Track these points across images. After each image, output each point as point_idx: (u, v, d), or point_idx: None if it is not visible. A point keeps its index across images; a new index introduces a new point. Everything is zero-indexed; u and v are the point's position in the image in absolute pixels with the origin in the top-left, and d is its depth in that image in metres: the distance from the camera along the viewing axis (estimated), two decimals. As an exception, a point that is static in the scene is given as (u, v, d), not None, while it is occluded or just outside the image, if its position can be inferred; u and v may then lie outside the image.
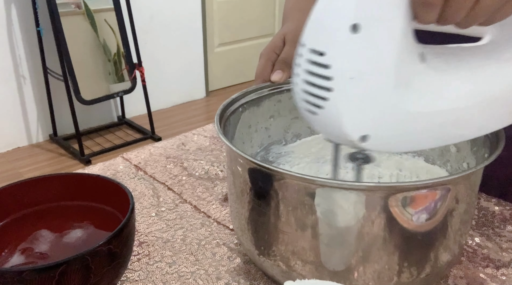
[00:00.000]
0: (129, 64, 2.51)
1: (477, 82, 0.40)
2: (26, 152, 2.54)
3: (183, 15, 2.95)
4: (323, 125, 0.37)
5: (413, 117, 0.37)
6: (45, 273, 0.40)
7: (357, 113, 0.35)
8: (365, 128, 0.36)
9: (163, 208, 0.63)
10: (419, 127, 0.38)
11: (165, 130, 2.76)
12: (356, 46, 0.33)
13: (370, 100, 0.35)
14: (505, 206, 0.62)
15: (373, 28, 0.33)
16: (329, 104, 0.35)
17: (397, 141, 0.38)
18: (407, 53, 0.35)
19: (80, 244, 0.52)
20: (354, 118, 0.35)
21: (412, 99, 0.36)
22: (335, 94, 0.34)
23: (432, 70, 0.37)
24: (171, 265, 0.53)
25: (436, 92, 0.38)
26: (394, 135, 0.37)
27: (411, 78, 0.36)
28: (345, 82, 0.34)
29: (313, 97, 0.35)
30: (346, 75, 0.34)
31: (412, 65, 0.36)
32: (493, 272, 0.52)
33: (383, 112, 0.36)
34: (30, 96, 2.54)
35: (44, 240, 0.52)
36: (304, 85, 0.36)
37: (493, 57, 0.41)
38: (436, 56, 0.38)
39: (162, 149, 0.78)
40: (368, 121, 0.35)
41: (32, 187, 0.52)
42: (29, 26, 2.40)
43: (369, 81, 0.34)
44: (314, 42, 0.34)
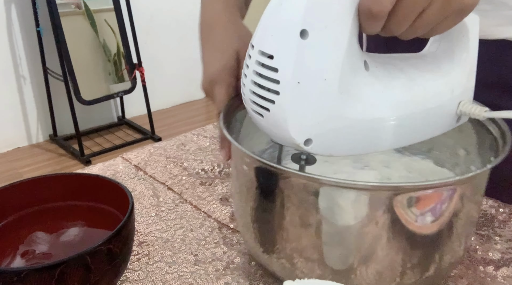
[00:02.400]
0: (129, 64, 2.51)
1: (414, 92, 0.41)
2: (26, 152, 2.54)
3: (183, 15, 2.95)
4: (269, 127, 0.37)
5: (354, 123, 0.38)
6: (44, 273, 0.40)
7: (302, 118, 0.36)
8: (309, 132, 0.36)
9: (163, 208, 0.63)
10: (358, 133, 0.39)
11: (165, 130, 2.76)
12: (303, 51, 0.34)
13: (314, 105, 0.35)
14: (505, 206, 0.62)
15: (321, 35, 0.34)
16: (276, 107, 0.35)
17: (338, 146, 0.38)
18: (352, 60, 0.36)
19: (80, 244, 0.52)
20: (299, 122, 0.36)
21: (354, 106, 0.37)
22: (282, 98, 0.35)
23: (374, 79, 0.38)
24: (171, 265, 0.53)
25: (377, 101, 0.39)
26: (336, 140, 0.38)
27: (354, 86, 0.37)
28: (291, 86, 0.34)
29: (261, 99, 0.36)
30: (293, 80, 0.34)
31: (357, 72, 0.37)
32: (493, 272, 0.52)
33: (326, 118, 0.36)
34: (30, 96, 2.54)
35: (44, 241, 0.52)
36: (252, 87, 0.36)
37: (431, 70, 0.43)
38: (378, 65, 0.39)
39: (162, 149, 0.78)
40: (312, 126, 0.36)
41: (32, 187, 0.52)
42: (29, 26, 2.40)
43: (315, 86, 0.35)
44: (264, 44, 0.35)
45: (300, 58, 0.34)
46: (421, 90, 0.41)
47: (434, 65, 0.43)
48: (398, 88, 0.40)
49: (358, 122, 0.38)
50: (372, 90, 0.38)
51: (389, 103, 0.39)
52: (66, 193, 0.53)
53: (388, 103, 0.39)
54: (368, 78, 0.38)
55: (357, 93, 0.37)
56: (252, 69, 0.36)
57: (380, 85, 0.39)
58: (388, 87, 0.39)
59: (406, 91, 0.40)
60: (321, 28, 0.34)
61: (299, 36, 0.33)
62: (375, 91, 0.38)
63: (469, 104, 0.44)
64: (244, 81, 0.37)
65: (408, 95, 0.41)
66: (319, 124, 0.36)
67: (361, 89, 0.37)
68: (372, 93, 0.38)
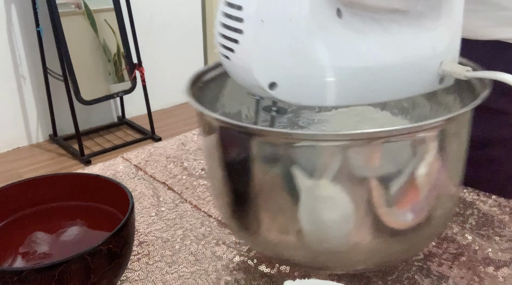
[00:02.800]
0: (129, 64, 2.51)
1: (390, 45, 0.39)
2: (26, 152, 2.54)
3: (183, 15, 2.95)
4: (235, 70, 0.36)
5: (323, 69, 0.36)
6: (45, 273, 0.39)
7: (266, 59, 0.34)
8: (274, 75, 0.35)
9: (163, 208, 0.63)
10: (327, 81, 0.37)
11: (165, 130, 2.76)
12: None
13: (279, 46, 0.34)
14: (505, 206, 0.62)
15: None
16: (240, 47, 0.34)
17: (305, 93, 0.37)
18: (323, 3, 0.35)
19: (80, 244, 0.52)
20: (263, 63, 0.35)
21: (323, 51, 0.36)
22: (245, 37, 0.34)
23: (346, 27, 0.37)
24: (171, 265, 0.53)
25: (349, 49, 0.37)
26: (303, 86, 0.36)
27: (324, 31, 0.36)
28: (255, 25, 0.33)
29: (226, 39, 0.35)
30: (257, 18, 0.33)
31: (326, 17, 0.36)
32: (493, 272, 0.52)
33: (292, 61, 0.35)
34: (30, 96, 2.54)
35: (44, 241, 0.52)
36: (219, 28, 0.35)
37: (413, 25, 0.41)
38: (353, 15, 0.38)
39: (162, 149, 0.78)
40: (276, 68, 0.35)
41: (32, 187, 0.52)
42: (29, 26, 2.40)
43: (280, 26, 0.34)
44: None
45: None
46: (398, 42, 0.40)
47: (417, 21, 0.42)
48: (371, 38, 0.38)
49: (325, 69, 0.36)
50: (342, 37, 0.37)
51: (361, 52, 0.38)
52: (66, 193, 0.53)
53: (359, 52, 0.38)
54: (340, 25, 0.37)
55: (326, 39, 0.36)
56: (220, 9, 0.35)
57: (352, 33, 0.37)
58: (361, 36, 0.38)
59: (380, 43, 0.39)
60: None
61: None
62: (345, 39, 0.37)
63: (452, 63, 0.43)
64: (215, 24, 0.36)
65: (382, 47, 0.39)
66: (284, 67, 0.35)
67: (330, 35, 0.36)
68: (342, 40, 0.37)
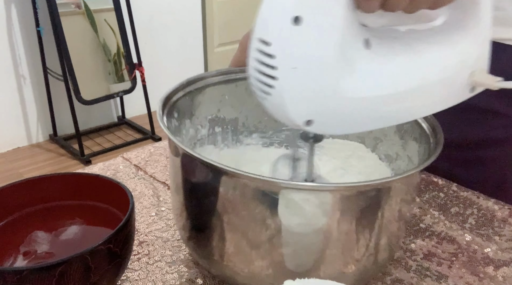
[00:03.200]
0: (129, 64, 2.51)
1: (420, 65, 0.41)
2: (26, 152, 2.54)
3: (183, 15, 2.95)
4: (272, 110, 0.39)
5: (356, 102, 0.39)
6: (45, 273, 0.40)
7: (301, 100, 0.37)
8: (309, 114, 0.38)
9: (163, 207, 0.63)
10: (361, 111, 0.39)
11: (165, 130, 2.76)
12: (298, 37, 0.35)
13: (313, 88, 0.37)
14: (504, 206, 0.62)
15: (314, 19, 0.34)
16: (275, 91, 0.37)
17: (340, 125, 0.40)
18: (350, 40, 0.37)
19: (80, 244, 0.52)
20: (298, 105, 0.37)
21: (354, 85, 0.38)
22: (280, 83, 0.36)
23: (375, 56, 0.39)
24: (171, 265, 0.53)
25: (378, 78, 0.39)
26: (337, 119, 0.39)
27: (354, 65, 0.38)
28: (288, 72, 0.35)
29: (262, 84, 0.37)
30: (289, 65, 0.35)
31: (355, 52, 0.37)
32: (493, 271, 0.52)
33: (326, 99, 0.37)
34: (30, 96, 2.54)
35: (44, 241, 0.52)
36: (254, 73, 0.38)
37: (439, 41, 0.42)
38: (381, 42, 0.39)
39: (162, 149, 0.78)
40: (311, 107, 0.37)
41: (32, 187, 0.52)
42: (29, 26, 2.40)
43: (312, 70, 0.36)
44: (261, 32, 0.36)
45: (295, 44, 0.35)
46: (427, 62, 0.41)
47: (443, 36, 0.43)
48: (401, 63, 0.40)
49: (358, 100, 0.39)
50: (372, 67, 0.39)
51: (391, 79, 0.40)
52: (66, 193, 0.53)
53: (390, 79, 0.40)
54: (369, 56, 0.38)
55: (356, 72, 0.38)
56: (253, 56, 0.37)
57: (381, 61, 0.39)
58: (390, 64, 0.40)
59: (410, 66, 0.41)
60: (315, 13, 0.34)
61: (292, 23, 0.34)
62: (375, 69, 0.39)
63: (482, 74, 0.44)
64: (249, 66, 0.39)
65: (412, 69, 0.41)
66: (318, 106, 0.37)
67: (360, 68, 0.38)
68: (372, 70, 0.39)
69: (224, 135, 0.59)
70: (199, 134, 0.57)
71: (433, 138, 0.48)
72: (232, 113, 0.59)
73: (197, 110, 0.56)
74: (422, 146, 0.50)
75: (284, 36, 0.35)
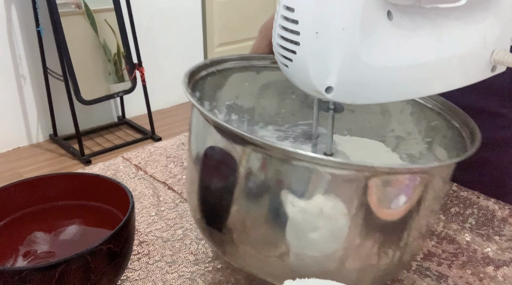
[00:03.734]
0: (129, 64, 2.51)
1: (441, 39, 0.41)
2: (26, 152, 2.54)
3: (183, 15, 2.95)
4: (294, 76, 0.39)
5: (376, 71, 0.39)
6: (45, 272, 0.40)
7: (322, 66, 0.37)
8: (329, 80, 0.38)
9: (163, 207, 0.63)
10: (382, 80, 0.40)
11: (165, 130, 2.76)
12: (321, 3, 0.36)
13: (334, 54, 0.37)
14: (504, 206, 0.62)
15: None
16: (297, 57, 0.37)
17: (360, 93, 0.40)
18: (372, 10, 0.37)
19: (80, 244, 0.52)
20: (319, 71, 0.38)
21: (376, 54, 0.38)
22: (302, 48, 0.37)
23: (397, 28, 0.39)
24: (171, 265, 0.53)
25: (399, 48, 0.40)
26: (356, 87, 0.39)
27: (375, 34, 0.38)
28: (310, 37, 0.36)
29: (285, 50, 0.38)
30: (312, 30, 0.36)
31: (377, 22, 0.38)
32: (493, 271, 0.52)
33: (347, 66, 0.38)
34: (30, 96, 2.54)
35: (44, 241, 0.52)
36: (278, 40, 0.39)
37: (462, 17, 0.43)
38: (403, 14, 0.40)
39: (162, 149, 0.78)
40: (332, 74, 0.38)
41: (32, 187, 0.52)
42: (29, 26, 2.40)
43: (334, 36, 0.37)
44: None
45: (318, 9, 0.36)
46: (449, 37, 0.42)
47: (466, 13, 0.43)
48: (422, 35, 0.41)
49: (379, 69, 0.39)
50: (394, 38, 0.39)
51: (412, 51, 0.40)
52: (66, 193, 0.53)
53: (410, 51, 0.40)
54: (391, 27, 0.39)
55: (378, 42, 0.38)
56: (278, 23, 0.38)
57: (403, 33, 0.39)
58: (411, 35, 0.40)
59: (431, 39, 0.41)
60: None
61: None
62: (397, 40, 0.39)
63: (503, 52, 0.44)
64: (274, 35, 0.39)
65: (433, 43, 0.41)
66: (339, 72, 0.38)
67: (382, 38, 0.38)
68: (394, 41, 0.39)
69: (240, 123, 0.59)
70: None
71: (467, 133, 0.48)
72: (250, 102, 0.58)
73: (217, 94, 0.55)
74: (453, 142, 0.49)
75: (307, 1, 0.36)
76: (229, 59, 0.55)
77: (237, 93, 0.57)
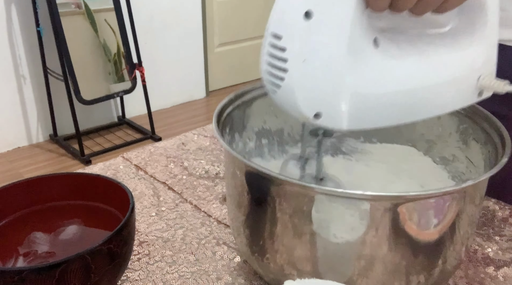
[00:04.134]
0: (129, 64, 2.51)
1: (427, 66, 0.42)
2: (26, 152, 2.54)
3: (183, 15, 2.95)
4: (282, 103, 0.40)
5: (361, 97, 0.39)
6: (45, 273, 0.39)
7: (310, 93, 0.38)
8: (317, 107, 0.38)
9: (163, 207, 0.63)
10: (369, 107, 0.40)
11: (165, 130, 2.76)
12: (308, 31, 0.36)
13: (321, 81, 0.38)
14: (504, 206, 0.62)
15: (324, 15, 0.36)
16: (285, 83, 0.38)
17: (346, 119, 0.40)
18: (359, 37, 0.38)
19: (80, 244, 0.52)
20: (306, 97, 0.38)
21: (363, 81, 0.39)
22: (290, 75, 0.37)
23: (383, 55, 0.40)
24: (171, 265, 0.53)
25: (385, 75, 0.40)
26: (343, 113, 0.39)
27: (362, 61, 0.38)
28: (298, 64, 0.37)
29: (273, 77, 0.38)
30: (299, 58, 0.37)
31: (364, 49, 0.38)
32: (493, 272, 0.52)
33: (333, 93, 0.38)
34: (30, 96, 2.54)
35: (44, 241, 0.52)
36: (266, 66, 0.39)
37: (448, 44, 0.43)
38: (390, 42, 0.40)
39: (163, 149, 0.78)
40: (320, 100, 0.38)
41: (32, 187, 0.52)
42: (29, 26, 2.40)
43: (321, 63, 0.37)
44: (274, 26, 0.37)
45: (305, 37, 0.36)
46: (435, 64, 0.42)
47: (452, 39, 0.43)
48: (408, 62, 0.41)
49: (365, 96, 0.39)
50: (380, 65, 0.39)
51: (398, 78, 0.40)
52: (66, 193, 0.53)
53: (396, 78, 0.40)
54: (377, 54, 0.39)
55: (365, 69, 0.39)
56: (266, 49, 0.38)
57: (389, 60, 0.40)
58: (398, 62, 0.40)
59: (417, 66, 0.41)
60: (325, 8, 0.36)
61: (303, 17, 0.35)
62: (383, 66, 0.40)
63: (489, 78, 0.44)
64: (261, 61, 0.40)
65: (420, 69, 0.41)
66: (326, 99, 0.38)
67: (369, 65, 0.39)
68: (380, 68, 0.39)
69: (270, 146, 0.60)
70: (247, 147, 0.57)
71: (497, 138, 0.48)
72: (277, 124, 0.59)
73: (245, 123, 0.56)
74: (485, 147, 0.49)
75: (295, 29, 0.36)
76: (251, 89, 0.55)
77: (264, 118, 0.58)
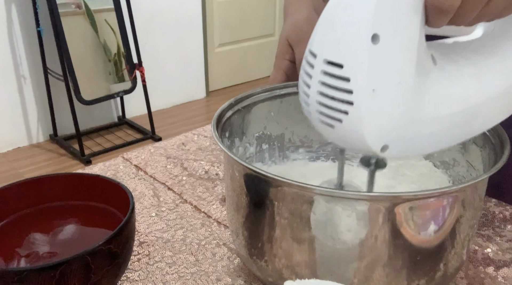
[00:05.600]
0: (129, 64, 2.51)
1: (484, 79, 0.39)
2: (26, 152, 2.54)
3: (183, 15, 2.95)
4: (341, 138, 0.36)
5: (429, 122, 0.36)
6: (45, 273, 0.39)
7: (378, 125, 0.34)
8: (386, 139, 0.35)
9: (163, 208, 0.63)
10: (434, 130, 0.37)
11: (165, 130, 2.76)
12: (376, 57, 0.32)
13: (391, 111, 0.34)
14: (505, 206, 0.62)
15: (392, 38, 0.32)
16: (350, 117, 0.33)
17: (414, 147, 0.37)
18: (424, 57, 0.35)
19: (80, 244, 0.52)
20: (375, 130, 0.34)
21: (428, 105, 0.36)
22: (356, 108, 0.33)
23: (442, 72, 0.37)
24: (171, 265, 0.53)
25: (448, 95, 0.37)
26: (412, 142, 0.37)
27: (426, 84, 0.35)
28: (366, 95, 0.33)
29: (331, 110, 0.34)
30: (368, 88, 0.32)
31: (427, 69, 0.35)
32: (493, 272, 0.52)
33: (403, 122, 0.35)
34: (30, 96, 2.54)
35: (44, 241, 0.52)
36: (320, 98, 0.34)
37: (493, 52, 0.41)
38: (443, 57, 0.38)
39: (163, 149, 0.78)
40: (388, 132, 0.35)
41: (32, 187, 0.52)
42: (29, 26, 2.40)
43: (390, 92, 0.33)
44: (329, 53, 0.33)
45: (373, 64, 0.32)
46: (489, 76, 0.40)
47: (494, 47, 0.41)
48: (466, 78, 0.38)
49: (432, 120, 0.37)
50: (442, 85, 0.37)
51: (461, 95, 0.38)
52: (66, 193, 0.53)
53: (458, 96, 0.38)
54: (437, 72, 0.36)
55: (429, 91, 0.36)
56: (317, 79, 0.34)
57: (448, 77, 0.37)
58: (456, 79, 0.38)
59: (474, 79, 0.39)
60: (392, 30, 0.32)
61: (370, 42, 0.31)
62: (444, 85, 0.37)
63: None
64: (308, 91, 0.35)
65: (476, 83, 0.39)
66: (396, 130, 0.35)
67: (432, 86, 0.36)
68: (442, 88, 0.37)
69: (271, 151, 0.60)
70: (248, 152, 0.57)
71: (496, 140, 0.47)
72: (278, 129, 0.59)
73: (246, 129, 0.56)
74: (485, 150, 0.49)
75: (361, 56, 0.32)
76: (252, 94, 0.55)
77: (264, 123, 0.58)
